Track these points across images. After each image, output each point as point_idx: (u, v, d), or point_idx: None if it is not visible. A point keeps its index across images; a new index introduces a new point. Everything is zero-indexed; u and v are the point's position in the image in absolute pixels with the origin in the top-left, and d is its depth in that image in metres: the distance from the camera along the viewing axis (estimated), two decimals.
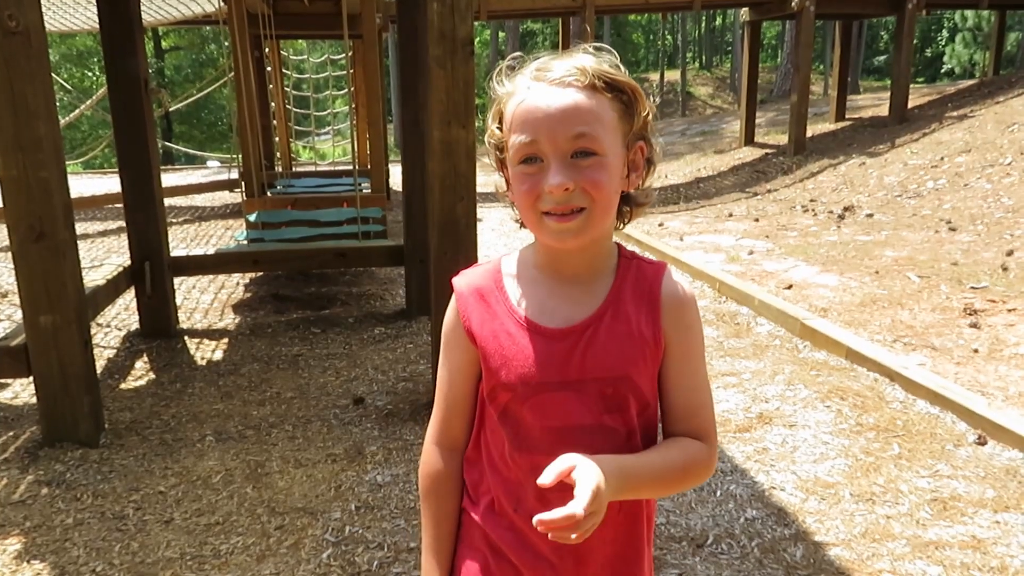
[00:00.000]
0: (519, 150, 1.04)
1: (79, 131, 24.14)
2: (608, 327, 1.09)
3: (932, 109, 12.62)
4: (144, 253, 4.85)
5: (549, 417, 1.08)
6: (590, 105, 1.02)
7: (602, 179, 1.02)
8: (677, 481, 1.11)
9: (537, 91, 1.04)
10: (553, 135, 1.01)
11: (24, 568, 2.50)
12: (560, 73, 1.03)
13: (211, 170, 15.37)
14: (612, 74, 1.04)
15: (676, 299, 1.12)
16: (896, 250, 6.46)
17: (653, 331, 1.09)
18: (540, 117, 1.02)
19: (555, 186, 1.00)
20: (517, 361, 1.09)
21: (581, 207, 1.02)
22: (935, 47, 36.86)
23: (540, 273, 1.13)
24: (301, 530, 2.68)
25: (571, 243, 1.06)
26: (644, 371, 1.09)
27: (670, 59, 42.92)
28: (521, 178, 1.05)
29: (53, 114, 3.20)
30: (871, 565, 2.43)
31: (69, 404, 3.33)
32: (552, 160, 1.02)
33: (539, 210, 1.04)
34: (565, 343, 1.08)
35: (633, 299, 1.11)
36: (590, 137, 1.01)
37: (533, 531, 1.09)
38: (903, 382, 3.76)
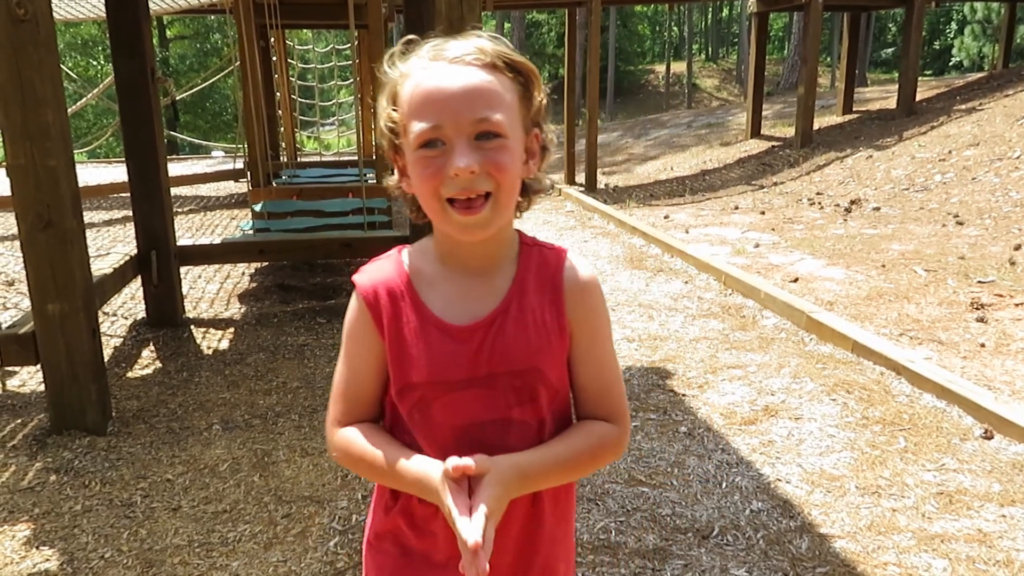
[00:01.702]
0: (421, 134, 0.99)
1: (84, 120, 24.14)
2: (514, 319, 1.07)
3: (940, 102, 12.56)
4: (150, 242, 4.86)
5: (459, 415, 1.07)
6: (493, 85, 0.99)
7: (506, 161, 1.00)
8: (584, 465, 1.11)
9: (436, 71, 0.99)
10: (457, 116, 0.97)
11: (33, 554, 2.51)
12: (459, 52, 1.00)
13: (216, 160, 15.38)
14: (512, 55, 1.02)
15: (578, 284, 1.10)
16: (903, 244, 6.44)
17: (558, 319, 1.09)
18: (442, 98, 0.97)
19: (461, 168, 0.96)
20: (425, 360, 1.06)
21: (487, 192, 0.99)
22: (944, 39, 36.67)
23: (443, 267, 1.10)
24: (308, 518, 2.69)
25: (478, 235, 1.03)
26: (552, 360, 1.09)
27: (676, 51, 42.76)
28: (423, 163, 1.00)
29: (61, 102, 3.20)
30: (876, 557, 2.44)
31: (77, 392, 3.34)
32: (456, 142, 0.98)
33: (442, 197, 1.00)
34: (472, 339, 1.06)
35: (537, 288, 1.09)
36: (493, 120, 0.98)
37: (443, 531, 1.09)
38: (909, 376, 3.76)
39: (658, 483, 2.92)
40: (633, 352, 4.35)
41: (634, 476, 2.97)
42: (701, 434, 3.32)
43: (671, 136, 16.69)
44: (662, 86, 40.32)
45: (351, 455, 1.11)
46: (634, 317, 4.99)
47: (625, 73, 40.99)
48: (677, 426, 3.40)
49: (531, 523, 1.14)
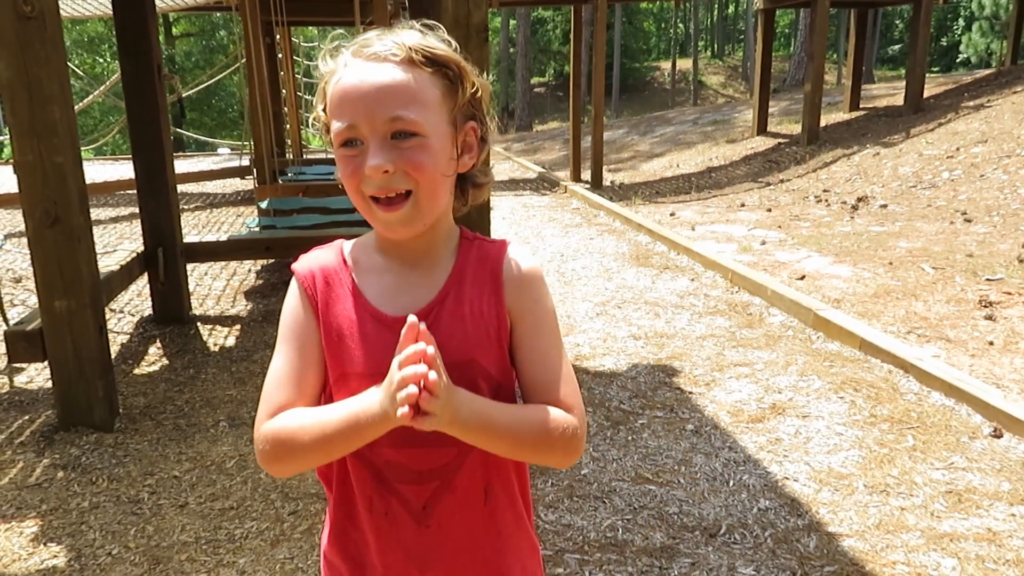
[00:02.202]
0: (339, 134, 0.99)
1: (91, 117, 24.20)
2: (450, 311, 1.05)
3: (948, 99, 12.50)
4: (157, 239, 4.86)
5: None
6: (408, 82, 0.98)
7: (423, 160, 0.98)
8: (536, 439, 1.02)
9: (354, 69, 0.99)
10: (370, 116, 0.97)
11: (41, 550, 2.52)
12: (379, 48, 0.99)
13: (222, 157, 15.40)
14: (433, 48, 1.00)
15: (517, 275, 1.08)
16: (910, 241, 6.41)
17: (497, 310, 1.06)
18: (356, 98, 0.97)
19: (373, 168, 0.97)
20: (361, 350, 1.04)
21: (407, 190, 0.99)
22: (951, 36, 36.50)
23: (381, 258, 1.09)
24: (315, 515, 2.69)
25: (402, 233, 1.03)
26: (491, 352, 1.06)
27: (682, 47, 42.67)
28: (344, 161, 1.00)
29: (68, 99, 3.21)
30: (885, 556, 2.43)
31: (84, 389, 3.35)
32: (371, 142, 0.98)
33: (364, 194, 1.00)
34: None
35: (475, 280, 1.07)
36: (408, 119, 0.97)
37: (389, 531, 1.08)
38: (918, 374, 3.74)
39: (665, 481, 2.91)
40: (639, 350, 4.34)
41: (641, 474, 2.96)
42: (708, 432, 3.31)
43: (677, 133, 16.65)
44: (668, 83, 40.24)
45: (283, 433, 1.02)
46: (640, 315, 4.98)
47: (631, 70, 40.92)
48: (684, 424, 3.39)
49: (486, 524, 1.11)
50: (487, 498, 1.10)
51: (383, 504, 1.07)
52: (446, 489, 1.07)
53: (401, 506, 1.07)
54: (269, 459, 1.05)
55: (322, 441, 0.99)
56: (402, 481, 1.07)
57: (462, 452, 1.06)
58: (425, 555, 1.08)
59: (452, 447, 1.04)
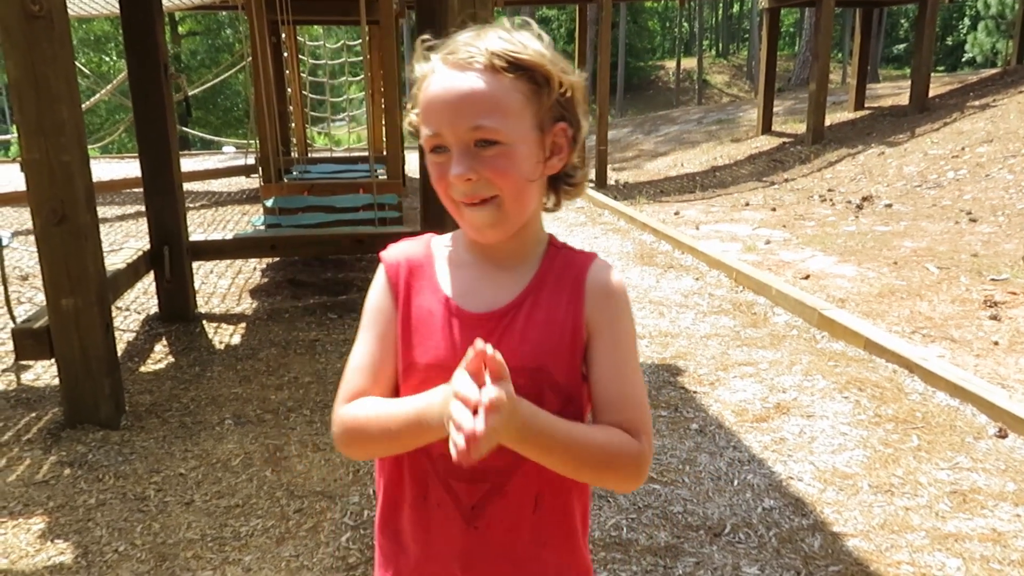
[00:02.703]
0: (427, 141, 1.01)
1: (97, 116, 24.26)
2: (526, 315, 1.05)
3: (953, 98, 12.47)
4: (163, 237, 4.88)
5: None
6: (489, 90, 0.97)
7: (506, 167, 0.99)
8: (598, 462, 1.01)
9: (440, 76, 1.00)
10: (453, 125, 0.98)
11: (48, 547, 2.53)
12: (461, 55, 0.99)
13: (227, 155, 15.41)
14: (516, 53, 0.98)
15: (601, 288, 1.07)
16: (915, 241, 6.41)
17: (574, 321, 1.05)
18: (441, 106, 0.99)
19: (456, 177, 0.98)
20: (433, 342, 1.06)
21: (492, 195, 1.00)
22: (956, 35, 36.39)
23: (468, 255, 1.10)
24: (320, 513, 2.70)
25: (490, 235, 1.04)
26: (562, 362, 1.04)
27: (687, 47, 42.61)
28: (433, 166, 1.02)
29: (75, 98, 3.22)
30: (890, 556, 2.43)
31: (91, 386, 3.36)
32: (454, 150, 0.99)
33: (453, 198, 1.02)
34: (483, 329, 1.04)
35: (556, 288, 1.06)
36: (488, 127, 0.97)
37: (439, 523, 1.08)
38: (922, 374, 3.74)
39: (669, 480, 2.92)
40: (644, 349, 4.34)
41: None
42: (712, 431, 3.32)
43: (681, 132, 16.64)
44: (672, 82, 40.18)
45: (354, 422, 1.05)
46: (645, 314, 4.99)
47: (635, 69, 40.88)
48: (688, 423, 3.40)
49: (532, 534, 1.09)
50: (537, 507, 1.09)
51: (436, 496, 1.08)
52: (497, 492, 1.07)
53: (452, 502, 1.08)
54: (342, 444, 1.08)
55: (387, 435, 1.02)
56: (455, 478, 1.07)
57: (518, 458, 1.03)
58: (468, 554, 1.08)
59: (508, 452, 1.02)
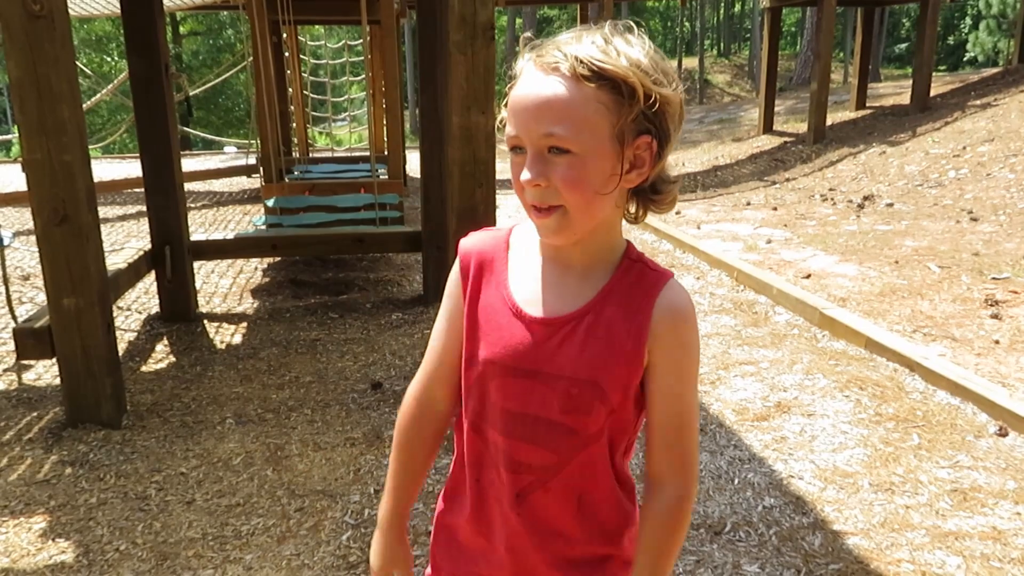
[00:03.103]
0: (508, 140, 1.02)
1: (98, 116, 24.27)
2: (588, 327, 1.05)
3: (955, 98, 12.46)
4: (164, 237, 4.88)
5: (512, 401, 1.07)
6: (567, 98, 0.96)
7: (575, 178, 0.98)
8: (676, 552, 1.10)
9: (526, 79, 1.00)
10: (528, 130, 0.99)
11: (49, 546, 2.54)
12: (549, 58, 0.98)
13: (228, 155, 15.43)
14: (601, 62, 0.95)
15: (670, 312, 1.04)
16: (916, 240, 6.40)
17: (636, 341, 1.03)
18: (520, 109, 0.99)
19: (525, 181, 1.00)
20: (494, 338, 1.08)
21: (558, 204, 1.00)
22: (958, 34, 36.36)
23: (540, 253, 1.11)
24: (321, 512, 2.71)
25: (554, 240, 1.05)
26: (617, 380, 1.04)
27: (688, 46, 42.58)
28: (512, 165, 1.04)
29: (77, 98, 3.22)
30: (890, 554, 2.43)
31: (92, 386, 3.37)
32: (529, 153, 1.00)
33: (527, 201, 1.03)
34: (543, 333, 1.06)
35: (624, 303, 1.05)
36: (559, 135, 0.96)
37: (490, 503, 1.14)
38: (923, 372, 3.74)
39: None
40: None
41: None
42: (713, 430, 3.32)
43: (682, 132, 16.62)
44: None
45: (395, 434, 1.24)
46: None
47: None
48: None
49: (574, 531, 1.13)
50: (580, 506, 1.10)
51: (488, 477, 1.13)
52: (541, 487, 1.09)
53: (501, 485, 1.11)
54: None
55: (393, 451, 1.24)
56: (504, 466, 1.10)
57: (563, 461, 1.07)
58: (512, 536, 1.12)
59: (553, 453, 1.07)
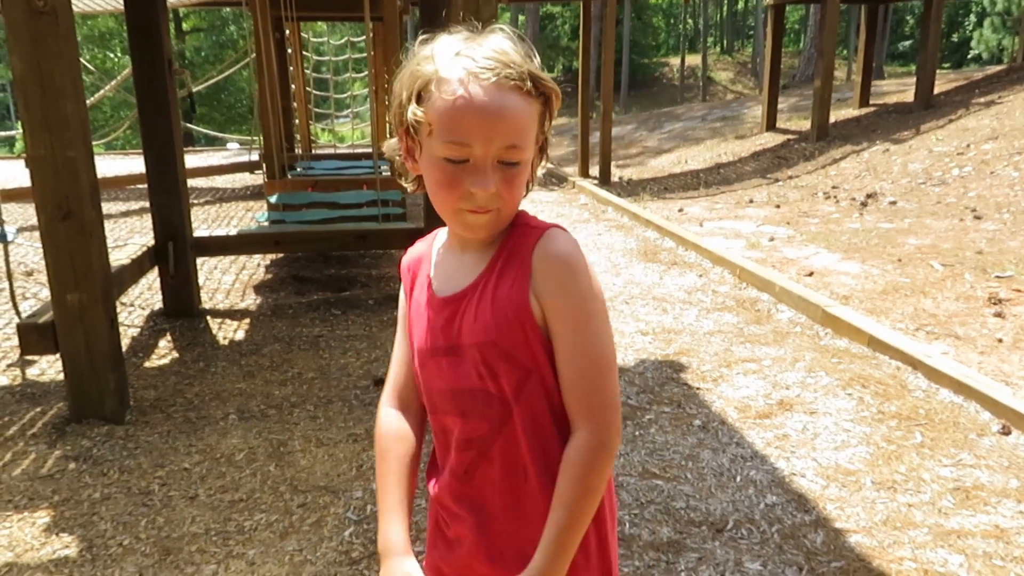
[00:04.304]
0: (448, 148, 1.03)
1: (101, 112, 24.28)
2: (481, 295, 1.11)
3: (959, 95, 12.43)
4: (167, 233, 4.89)
5: (440, 379, 1.16)
6: (523, 113, 1.04)
7: (519, 182, 1.08)
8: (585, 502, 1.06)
9: (475, 92, 1.01)
10: (487, 143, 1.02)
11: (53, 540, 2.55)
12: (497, 74, 1.01)
13: (231, 152, 15.43)
14: (541, 77, 1.05)
15: (545, 261, 1.07)
16: (920, 238, 6.39)
17: (520, 295, 1.08)
18: (477, 122, 1.01)
19: (481, 190, 1.04)
20: (419, 326, 1.19)
21: (496, 208, 1.07)
22: (962, 32, 36.24)
23: (448, 245, 1.20)
24: (323, 508, 2.71)
25: (482, 234, 1.11)
26: (515, 337, 1.08)
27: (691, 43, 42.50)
28: (442, 172, 1.05)
29: (80, 94, 3.23)
30: (892, 552, 2.43)
31: (95, 381, 3.38)
32: (481, 164, 1.04)
33: (458, 207, 1.07)
34: (449, 311, 1.14)
35: (508, 264, 1.11)
36: (520, 147, 1.04)
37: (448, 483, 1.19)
38: (926, 370, 3.74)
39: (672, 476, 2.92)
40: (647, 345, 4.34)
41: (648, 469, 2.97)
42: (715, 428, 3.32)
43: (685, 129, 16.61)
44: (676, 79, 40.10)
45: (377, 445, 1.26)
46: (648, 310, 4.99)
47: (639, 66, 40.77)
48: (691, 419, 3.40)
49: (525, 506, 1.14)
50: (527, 480, 1.12)
51: (443, 459, 1.21)
52: (483, 459, 1.14)
53: (455, 464, 1.17)
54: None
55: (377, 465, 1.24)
56: (451, 446, 1.17)
57: (494, 429, 1.12)
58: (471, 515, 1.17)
59: (484, 421, 1.13)
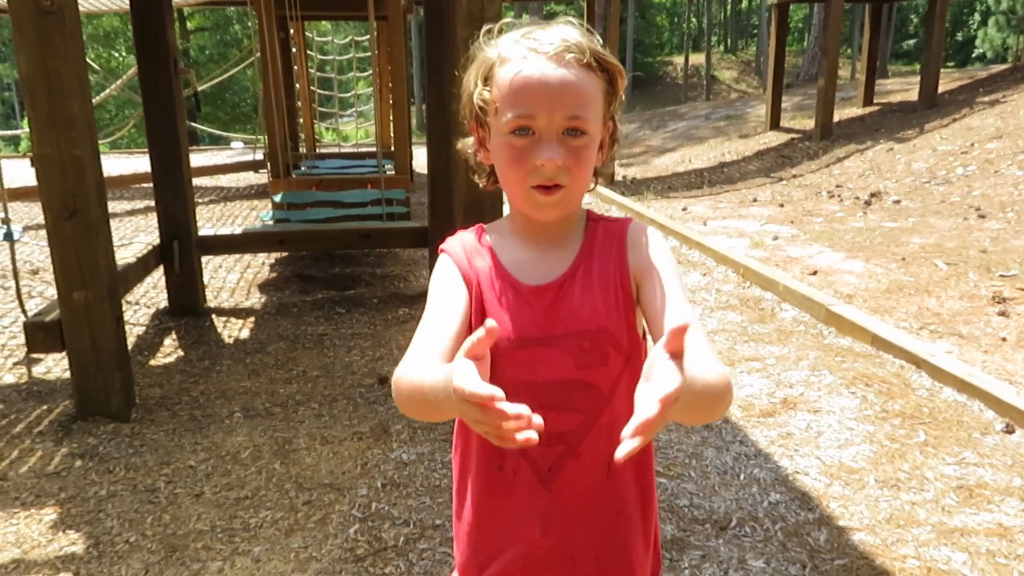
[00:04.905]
0: (513, 121, 1.04)
1: (107, 111, 24.34)
2: (580, 282, 1.11)
3: (963, 94, 12.41)
4: (172, 232, 4.91)
5: (527, 372, 1.10)
6: (586, 85, 1.05)
7: (586, 157, 1.07)
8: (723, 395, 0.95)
9: (536, 63, 1.04)
10: (551, 112, 1.03)
11: (60, 537, 2.56)
12: (558, 48, 1.04)
13: (235, 151, 15.46)
14: (604, 54, 1.06)
15: (637, 234, 1.14)
16: (924, 237, 6.39)
17: (622, 278, 1.11)
18: (539, 91, 1.03)
19: (548, 160, 1.03)
20: (498, 315, 1.11)
21: (565, 184, 1.06)
22: (967, 31, 36.15)
23: (517, 238, 1.17)
24: (328, 506, 2.72)
25: (551, 215, 1.10)
26: (620, 321, 1.10)
27: (695, 42, 42.44)
28: (510, 149, 1.06)
29: (86, 93, 3.24)
30: (895, 550, 2.43)
31: (101, 379, 3.39)
32: (545, 135, 1.04)
33: (527, 185, 1.06)
34: (543, 300, 1.11)
35: (603, 252, 1.13)
36: (583, 118, 1.04)
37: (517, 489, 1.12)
38: (930, 369, 3.74)
39: (676, 474, 2.93)
40: (650, 344, 4.34)
41: None
42: (719, 426, 3.32)
43: (689, 128, 16.60)
44: (680, 78, 40.07)
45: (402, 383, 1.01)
46: None
47: (643, 65, 40.75)
48: None
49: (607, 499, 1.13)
50: (610, 472, 1.12)
51: (512, 463, 1.13)
52: (571, 455, 1.11)
53: (528, 466, 1.12)
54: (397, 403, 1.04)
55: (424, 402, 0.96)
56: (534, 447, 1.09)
57: (588, 420, 1.10)
58: (547, 516, 1.12)
59: (579, 414, 1.10)
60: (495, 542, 1.16)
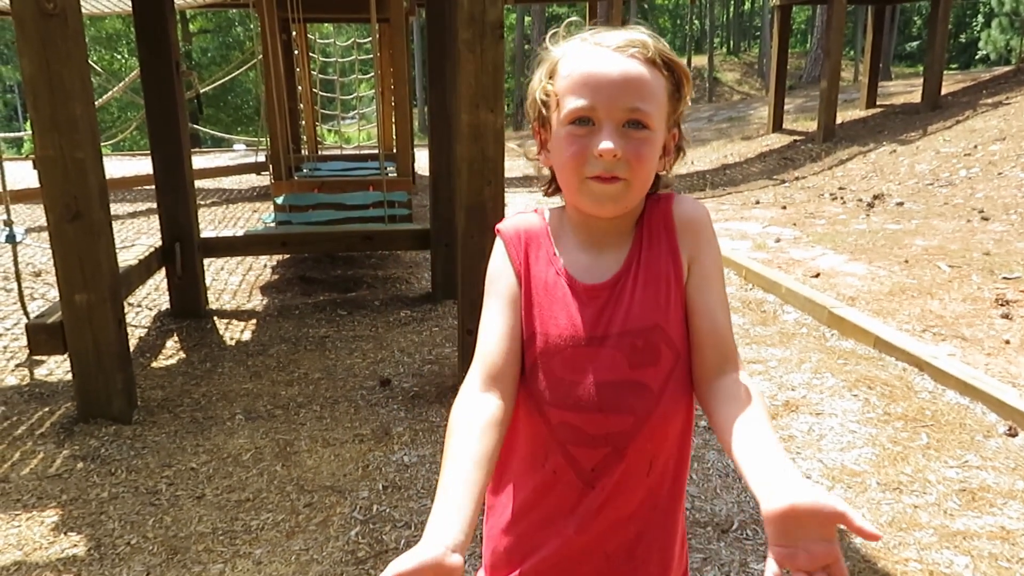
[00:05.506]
0: (574, 111, 1.03)
1: (109, 114, 24.38)
2: (635, 279, 1.09)
3: (966, 96, 12.40)
4: (175, 234, 4.91)
5: (578, 372, 1.08)
6: (649, 79, 1.04)
7: (647, 153, 1.04)
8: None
9: (599, 55, 1.04)
10: (611, 101, 1.02)
11: (61, 539, 2.56)
12: (621, 42, 1.04)
13: (237, 153, 15.47)
14: (670, 54, 1.06)
15: (687, 219, 1.11)
16: (927, 239, 6.37)
17: (674, 262, 1.09)
18: (601, 81, 1.02)
19: (605, 150, 1.01)
20: (552, 312, 1.10)
21: (624, 177, 1.03)
22: (970, 32, 36.12)
23: (573, 233, 1.14)
24: (329, 508, 2.72)
25: (609, 210, 1.07)
26: (673, 316, 1.08)
27: (697, 44, 42.44)
28: (569, 139, 1.05)
29: (89, 95, 3.24)
30: (898, 554, 2.43)
31: (103, 381, 3.39)
32: (605, 125, 1.02)
33: (583, 175, 1.04)
34: (598, 299, 1.09)
35: (653, 242, 1.11)
36: (644, 111, 1.02)
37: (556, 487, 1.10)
38: (932, 372, 3.73)
39: None
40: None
41: None
42: None
43: (691, 130, 16.60)
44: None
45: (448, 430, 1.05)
46: None
47: None
48: (697, 420, 3.39)
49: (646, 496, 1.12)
50: (651, 469, 1.11)
51: (553, 462, 1.10)
52: (617, 456, 1.08)
53: (569, 466, 1.09)
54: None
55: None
56: (574, 443, 1.08)
57: (639, 421, 1.07)
58: (584, 515, 1.10)
59: (629, 415, 1.07)
60: (530, 540, 1.14)
